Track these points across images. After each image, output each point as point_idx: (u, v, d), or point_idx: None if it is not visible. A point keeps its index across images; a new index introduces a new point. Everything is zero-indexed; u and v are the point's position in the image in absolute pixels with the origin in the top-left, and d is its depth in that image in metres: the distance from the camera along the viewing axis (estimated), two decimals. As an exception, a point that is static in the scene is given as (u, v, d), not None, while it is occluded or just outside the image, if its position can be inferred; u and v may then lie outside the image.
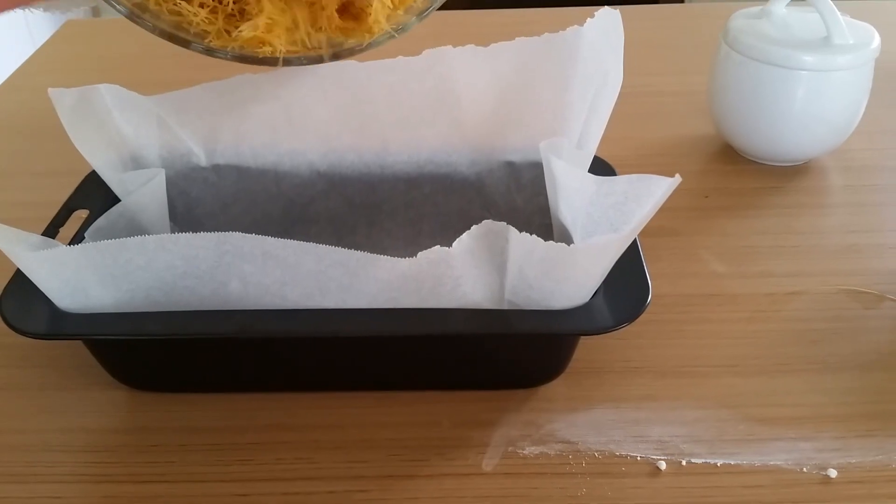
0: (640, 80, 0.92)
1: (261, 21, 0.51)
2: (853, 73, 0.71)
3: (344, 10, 0.54)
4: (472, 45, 0.59)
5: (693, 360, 0.55)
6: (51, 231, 0.55)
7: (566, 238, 0.52)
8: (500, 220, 0.44)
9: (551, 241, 0.44)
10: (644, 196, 0.47)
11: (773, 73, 0.71)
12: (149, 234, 0.53)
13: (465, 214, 0.64)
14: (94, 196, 0.59)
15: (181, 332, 0.48)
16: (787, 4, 0.75)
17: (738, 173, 0.76)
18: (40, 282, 0.48)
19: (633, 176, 0.49)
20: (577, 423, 0.50)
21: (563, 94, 0.59)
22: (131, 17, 0.51)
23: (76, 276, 0.47)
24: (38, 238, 0.49)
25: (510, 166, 0.63)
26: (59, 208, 0.58)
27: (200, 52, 0.53)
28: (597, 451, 0.48)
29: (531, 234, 0.44)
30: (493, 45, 0.58)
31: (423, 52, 0.59)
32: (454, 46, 0.58)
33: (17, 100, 0.94)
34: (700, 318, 0.58)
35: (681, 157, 0.79)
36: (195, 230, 0.46)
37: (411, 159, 0.63)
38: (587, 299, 0.48)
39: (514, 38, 0.58)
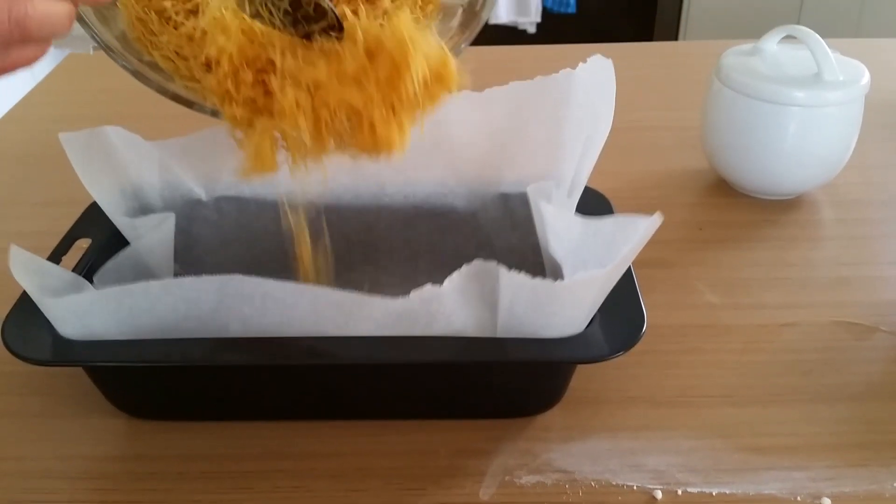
0: (636, 115, 0.93)
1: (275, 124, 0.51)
2: (844, 108, 0.72)
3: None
4: (467, 91, 0.59)
5: (688, 390, 0.55)
6: (54, 260, 0.56)
7: (558, 275, 0.53)
8: (495, 258, 0.46)
9: (539, 278, 0.45)
10: (630, 234, 0.48)
11: (765, 108, 0.72)
12: (154, 275, 0.55)
13: (461, 252, 0.64)
14: (96, 225, 0.60)
15: (180, 360, 0.48)
16: (778, 42, 0.77)
17: (731, 206, 0.77)
18: (52, 318, 0.49)
19: (619, 216, 0.50)
20: (574, 452, 0.51)
21: (556, 136, 0.60)
22: (136, 75, 0.50)
23: (83, 322, 0.48)
24: (58, 269, 0.51)
25: (505, 206, 0.64)
26: (60, 237, 0.59)
27: (207, 113, 0.52)
28: (593, 481, 0.49)
29: (521, 272, 0.45)
30: (487, 91, 0.60)
31: None
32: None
33: (19, 131, 0.95)
34: (695, 349, 0.59)
35: (675, 191, 0.80)
36: (196, 267, 0.47)
37: (407, 200, 0.64)
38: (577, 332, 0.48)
39: (508, 81, 0.59)
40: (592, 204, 0.62)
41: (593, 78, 0.58)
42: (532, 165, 0.62)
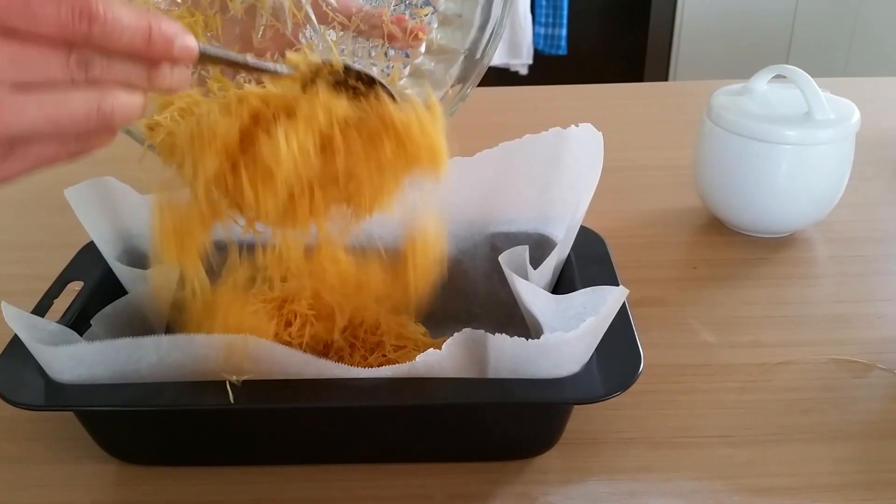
0: (628, 154, 0.94)
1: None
2: (835, 147, 0.72)
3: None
4: (458, 157, 0.60)
5: (687, 431, 0.54)
6: (46, 302, 0.56)
7: (539, 332, 0.53)
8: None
9: (517, 338, 0.46)
10: (599, 306, 0.48)
11: (757, 147, 0.72)
12: (149, 322, 0.55)
13: (451, 306, 0.63)
14: (88, 268, 0.60)
15: (171, 404, 0.48)
16: (769, 81, 0.77)
17: (725, 244, 0.77)
18: (49, 369, 0.48)
19: (588, 289, 0.51)
20: (572, 495, 0.50)
21: (545, 194, 0.62)
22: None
23: (89, 372, 0.47)
24: (55, 326, 0.51)
25: (493, 262, 0.63)
26: (52, 281, 0.58)
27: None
28: (592, 524, 0.48)
29: (502, 333, 0.46)
30: (477, 155, 0.61)
31: None
32: None
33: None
34: (692, 388, 0.58)
35: (668, 229, 0.80)
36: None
37: (398, 253, 0.63)
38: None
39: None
40: (586, 243, 0.62)
41: (582, 143, 0.59)
42: (520, 222, 0.64)
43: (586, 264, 0.60)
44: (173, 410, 0.49)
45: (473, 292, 0.65)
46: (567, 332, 0.46)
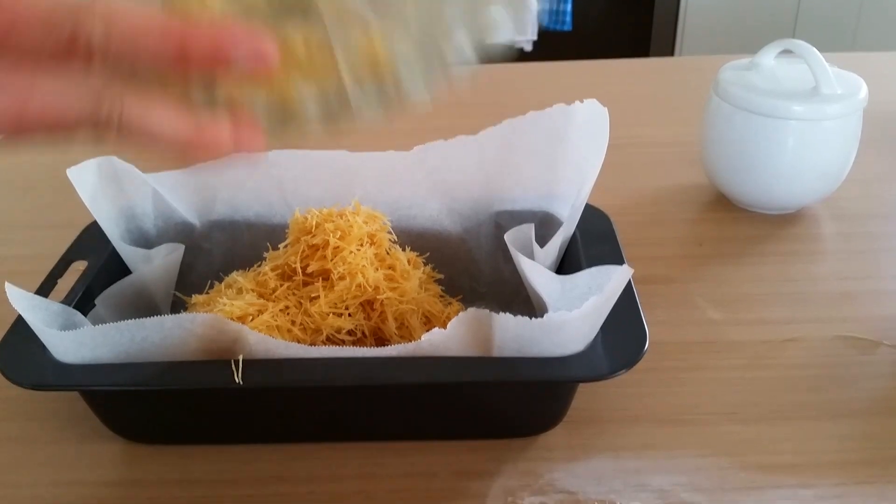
0: (634, 131, 0.93)
1: None
2: (842, 122, 0.72)
3: None
4: (462, 136, 0.61)
5: (692, 408, 0.54)
6: (50, 282, 0.56)
7: (544, 310, 0.52)
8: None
9: (521, 317, 0.45)
10: (604, 285, 0.47)
11: (764, 123, 0.72)
12: (154, 301, 0.56)
13: (456, 285, 0.64)
14: (92, 248, 0.60)
15: (177, 383, 0.48)
16: (776, 56, 0.77)
17: (731, 221, 0.77)
18: (54, 350, 0.48)
19: (593, 269, 0.50)
20: (577, 472, 0.50)
21: (550, 172, 0.61)
22: None
23: (93, 353, 0.47)
24: (59, 307, 0.51)
25: (498, 240, 0.63)
26: (55, 260, 0.58)
27: None
28: (597, 501, 0.48)
29: (506, 312, 0.45)
30: (481, 133, 0.61)
31: (414, 149, 0.62)
32: (445, 140, 0.62)
33: (15, 155, 0.95)
34: (698, 366, 0.58)
35: (674, 206, 0.79)
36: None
37: (403, 233, 0.63)
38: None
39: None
40: (592, 221, 0.62)
41: (587, 120, 0.59)
42: (525, 201, 0.64)
43: (591, 242, 0.60)
44: (178, 390, 0.49)
45: (478, 271, 0.65)
46: (571, 312, 0.45)
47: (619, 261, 0.56)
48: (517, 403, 0.52)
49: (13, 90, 0.30)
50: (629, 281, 0.51)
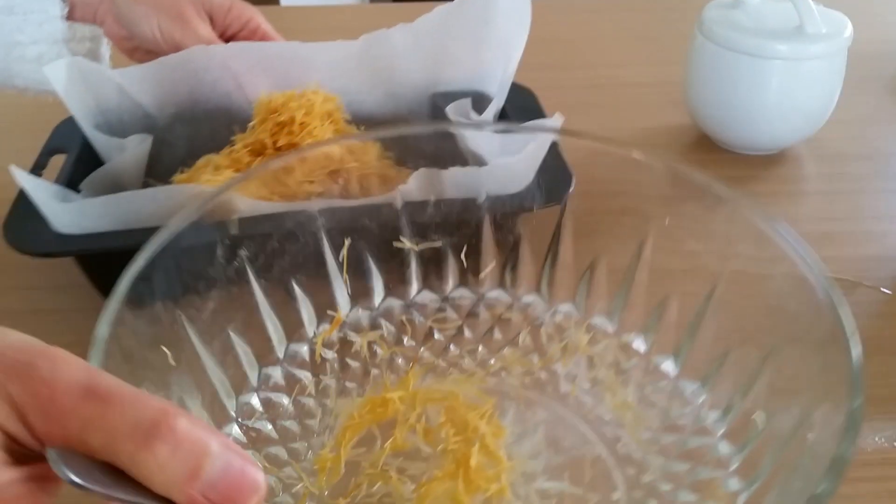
0: (617, 71, 0.92)
1: None
2: (826, 62, 0.71)
3: None
4: (401, 24, 0.66)
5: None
6: (36, 173, 0.60)
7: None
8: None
9: (469, 167, 0.53)
10: (538, 133, 0.55)
11: (748, 62, 0.71)
12: (126, 188, 0.61)
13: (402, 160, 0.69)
14: (70, 140, 0.65)
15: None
16: (761, -6, 0.76)
17: (714, 162, 0.76)
18: (58, 223, 0.53)
19: (529, 122, 0.56)
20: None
21: (478, 54, 0.68)
22: None
23: (92, 223, 0.53)
24: (56, 187, 0.57)
25: (436, 119, 0.69)
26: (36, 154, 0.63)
27: None
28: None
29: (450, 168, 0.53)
30: (417, 21, 0.66)
31: (361, 38, 0.67)
32: (387, 28, 0.66)
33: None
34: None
35: (657, 147, 0.79)
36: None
37: (355, 117, 0.67)
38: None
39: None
40: (520, 98, 0.70)
41: (510, 3, 0.65)
42: (458, 83, 0.69)
43: (519, 115, 0.67)
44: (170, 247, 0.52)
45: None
46: (512, 156, 0.52)
47: None
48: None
49: None
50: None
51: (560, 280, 0.52)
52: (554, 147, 0.56)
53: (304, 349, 0.49)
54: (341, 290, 0.51)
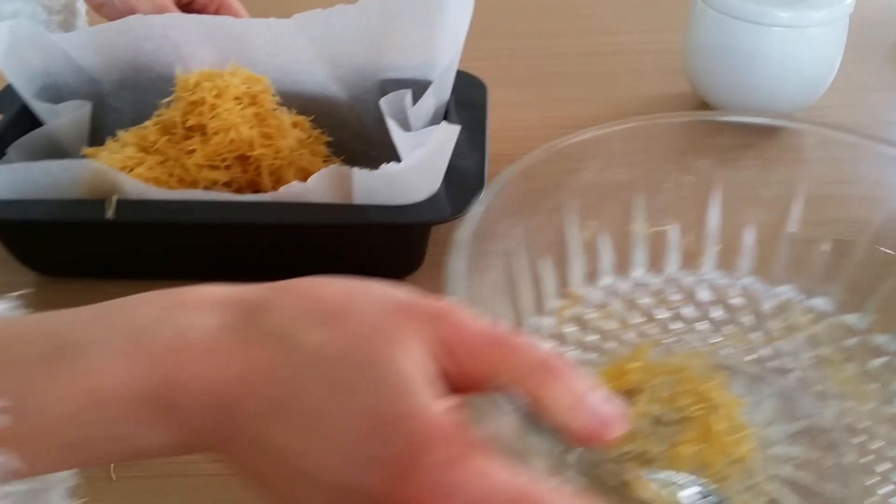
0: (616, 38, 0.92)
1: None
2: (828, 29, 0.71)
3: None
4: (341, 5, 0.63)
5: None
6: None
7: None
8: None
9: (370, 170, 0.52)
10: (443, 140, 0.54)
11: (748, 29, 0.71)
12: (67, 156, 0.62)
13: (348, 148, 0.67)
14: (5, 106, 0.64)
15: (84, 217, 0.54)
16: (762, -40, 0.75)
17: (714, 131, 0.76)
18: None
19: (438, 125, 0.55)
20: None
21: (430, 40, 0.65)
22: None
23: (4, 191, 0.54)
24: None
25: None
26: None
27: None
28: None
29: (361, 168, 0.53)
30: (360, 1, 0.64)
31: (294, 16, 0.65)
32: (323, 9, 0.64)
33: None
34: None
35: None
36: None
37: (295, 97, 0.66)
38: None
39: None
40: (469, 90, 0.68)
41: None
42: (408, 69, 0.66)
43: (462, 108, 0.64)
44: (60, 222, 0.55)
45: (368, 136, 0.68)
46: (399, 163, 0.52)
47: (481, 126, 0.62)
48: (371, 247, 0.58)
49: None
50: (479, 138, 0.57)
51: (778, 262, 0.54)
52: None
53: (547, 322, 0.49)
54: (580, 269, 0.51)
